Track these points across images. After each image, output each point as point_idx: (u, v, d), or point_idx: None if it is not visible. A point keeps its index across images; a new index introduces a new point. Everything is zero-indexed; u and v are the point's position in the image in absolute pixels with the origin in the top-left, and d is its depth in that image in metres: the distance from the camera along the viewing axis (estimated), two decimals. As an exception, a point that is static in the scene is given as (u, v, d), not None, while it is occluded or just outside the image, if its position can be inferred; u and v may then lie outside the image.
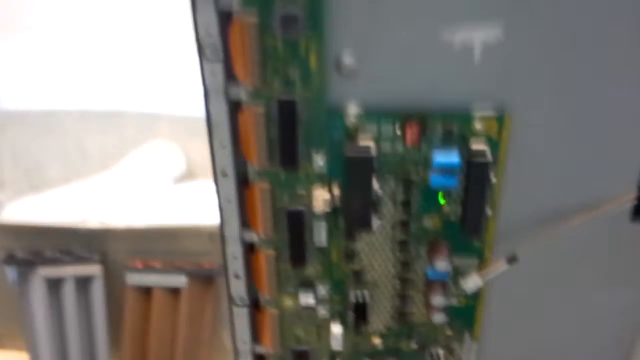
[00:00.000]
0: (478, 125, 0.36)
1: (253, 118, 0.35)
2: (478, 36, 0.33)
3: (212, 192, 0.38)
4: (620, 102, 0.36)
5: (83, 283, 1.18)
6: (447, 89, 0.35)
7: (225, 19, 0.33)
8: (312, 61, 0.34)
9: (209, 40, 0.33)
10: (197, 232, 1.13)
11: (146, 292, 1.18)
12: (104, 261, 1.16)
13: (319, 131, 0.36)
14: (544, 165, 0.38)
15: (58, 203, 1.32)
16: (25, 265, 1.13)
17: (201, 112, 0.36)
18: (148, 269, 1.16)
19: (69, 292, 1.17)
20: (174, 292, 1.18)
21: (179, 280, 1.16)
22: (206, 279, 1.17)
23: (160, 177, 1.43)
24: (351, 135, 0.36)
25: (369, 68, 0.35)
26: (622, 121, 0.36)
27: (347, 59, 0.34)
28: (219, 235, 0.40)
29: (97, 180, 1.43)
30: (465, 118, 0.36)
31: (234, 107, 0.36)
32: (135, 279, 1.16)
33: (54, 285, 1.17)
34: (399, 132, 0.36)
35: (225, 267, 0.41)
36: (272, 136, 0.36)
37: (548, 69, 0.35)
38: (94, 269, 1.16)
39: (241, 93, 0.35)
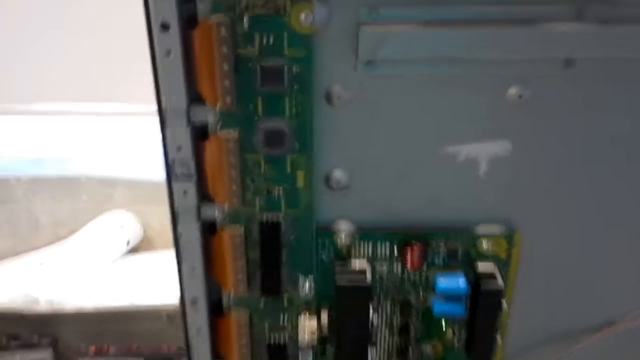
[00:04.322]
0: (485, 245, 0.32)
1: (230, 241, 0.30)
2: (484, 151, 0.30)
3: (174, 270, 0.32)
4: (631, 218, 0.32)
5: (30, 370, 1.08)
6: (449, 206, 0.31)
7: (199, 133, 0.28)
8: (300, 178, 0.29)
9: (180, 156, 0.28)
10: (154, 313, 1.05)
11: (100, 377, 1.10)
12: (54, 347, 1.07)
13: (306, 252, 0.31)
14: (554, 284, 0.34)
15: (5, 282, 1.22)
16: (-33, 353, 1.04)
17: (161, 177, 0.30)
18: (102, 354, 1.07)
19: (15, 381, 1.08)
20: (130, 377, 1.09)
21: (136, 365, 1.08)
22: (165, 362, 1.10)
23: (115, 250, 1.35)
24: (342, 256, 0.32)
25: (362, 183, 0.31)
26: (633, 238, 0.33)
27: (338, 174, 0.30)
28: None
29: (48, 253, 1.33)
30: (471, 237, 0.32)
31: (207, 228, 0.31)
32: (87, 364, 1.08)
33: (-1, 374, 1.07)
34: (396, 253, 0.32)
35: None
36: (251, 259, 0.31)
37: (557, 184, 0.31)
38: (43, 356, 1.07)
39: (216, 213, 0.30)
